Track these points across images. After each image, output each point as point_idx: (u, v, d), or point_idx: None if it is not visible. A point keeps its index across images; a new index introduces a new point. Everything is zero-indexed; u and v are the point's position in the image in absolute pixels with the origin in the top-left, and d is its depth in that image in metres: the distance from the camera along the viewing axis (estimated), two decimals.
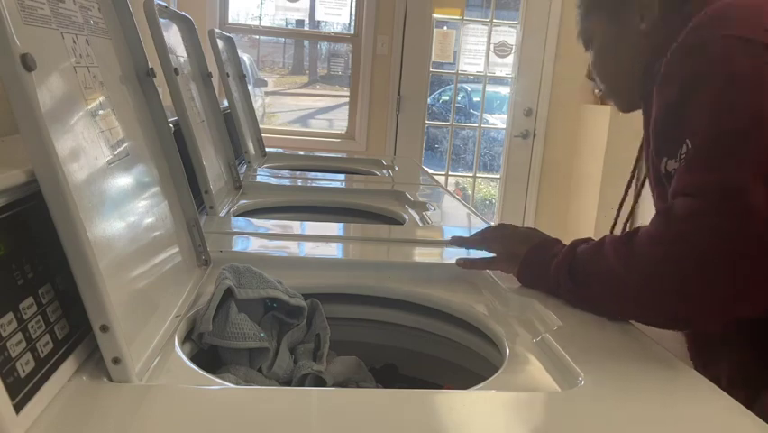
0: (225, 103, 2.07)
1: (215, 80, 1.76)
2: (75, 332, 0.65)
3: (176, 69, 1.28)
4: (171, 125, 0.98)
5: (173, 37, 1.48)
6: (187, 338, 0.82)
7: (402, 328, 1.04)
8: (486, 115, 4.42)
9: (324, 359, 0.90)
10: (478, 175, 4.29)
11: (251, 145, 2.24)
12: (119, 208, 0.76)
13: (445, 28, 4.06)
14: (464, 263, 1.07)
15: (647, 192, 1.00)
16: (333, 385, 0.85)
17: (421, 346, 1.04)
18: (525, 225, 1.11)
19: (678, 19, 0.87)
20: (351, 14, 4.00)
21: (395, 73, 3.87)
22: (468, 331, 0.96)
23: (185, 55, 1.55)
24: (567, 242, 0.95)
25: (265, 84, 5.20)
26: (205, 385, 0.69)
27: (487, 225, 1.19)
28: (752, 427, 0.64)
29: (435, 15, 3.93)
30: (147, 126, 0.93)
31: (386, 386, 0.93)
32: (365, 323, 1.05)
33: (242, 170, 1.99)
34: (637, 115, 1.00)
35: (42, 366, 0.58)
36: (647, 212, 0.87)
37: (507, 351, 0.81)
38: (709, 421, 0.67)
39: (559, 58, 3.93)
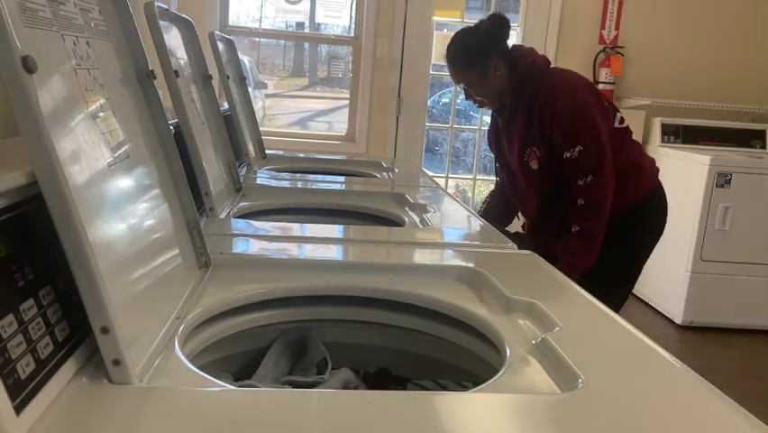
0: (225, 105, 2.07)
1: (216, 82, 1.76)
2: (75, 334, 0.65)
3: (176, 71, 1.28)
4: (171, 127, 0.98)
5: (173, 39, 1.48)
6: (187, 340, 0.82)
7: (403, 331, 1.04)
8: (486, 117, 4.42)
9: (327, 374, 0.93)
10: (478, 177, 4.29)
11: (251, 147, 2.24)
12: (119, 210, 0.76)
13: (446, 30, 4.06)
14: None
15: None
16: None
17: (421, 349, 1.04)
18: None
19: (514, 71, 1.95)
20: (351, 17, 4.00)
21: (395, 75, 3.88)
22: (468, 333, 0.96)
23: (185, 57, 1.55)
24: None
25: (265, 86, 5.20)
26: (206, 387, 0.69)
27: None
28: (751, 428, 0.64)
29: (435, 18, 3.93)
30: (147, 128, 0.93)
31: (380, 389, 0.94)
32: (365, 325, 1.05)
33: (242, 172, 1.99)
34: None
35: (43, 368, 0.58)
36: None
37: (508, 353, 0.81)
38: (709, 423, 0.67)
39: (558, 59, 3.94)
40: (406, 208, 1.70)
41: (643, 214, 2.01)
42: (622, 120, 1.99)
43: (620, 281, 2.06)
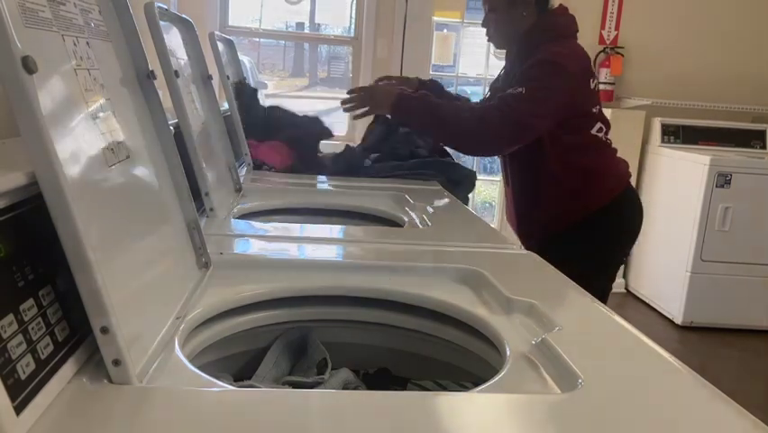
0: (225, 105, 2.07)
1: (216, 83, 1.76)
2: (75, 334, 0.65)
3: (176, 71, 1.28)
4: (171, 127, 0.98)
5: (173, 39, 1.48)
6: (187, 340, 0.82)
7: (403, 331, 1.04)
8: None
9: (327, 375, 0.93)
10: (478, 177, 4.29)
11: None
12: (119, 210, 0.76)
13: (445, 31, 4.06)
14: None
15: None
16: None
17: (421, 349, 1.04)
18: None
19: (542, 19, 1.89)
20: (351, 17, 4.00)
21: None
22: (468, 333, 0.96)
23: (185, 57, 1.55)
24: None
25: (265, 87, 5.20)
26: (206, 387, 0.69)
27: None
28: (751, 429, 0.64)
29: (435, 18, 3.93)
30: (147, 129, 0.93)
31: (380, 390, 0.94)
32: (365, 325, 1.05)
33: (242, 172, 1.99)
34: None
35: (43, 368, 0.58)
36: None
37: (508, 353, 0.81)
38: (709, 423, 0.67)
39: None
40: (407, 208, 1.70)
41: (617, 212, 1.99)
42: (600, 129, 1.91)
43: (594, 276, 1.95)
